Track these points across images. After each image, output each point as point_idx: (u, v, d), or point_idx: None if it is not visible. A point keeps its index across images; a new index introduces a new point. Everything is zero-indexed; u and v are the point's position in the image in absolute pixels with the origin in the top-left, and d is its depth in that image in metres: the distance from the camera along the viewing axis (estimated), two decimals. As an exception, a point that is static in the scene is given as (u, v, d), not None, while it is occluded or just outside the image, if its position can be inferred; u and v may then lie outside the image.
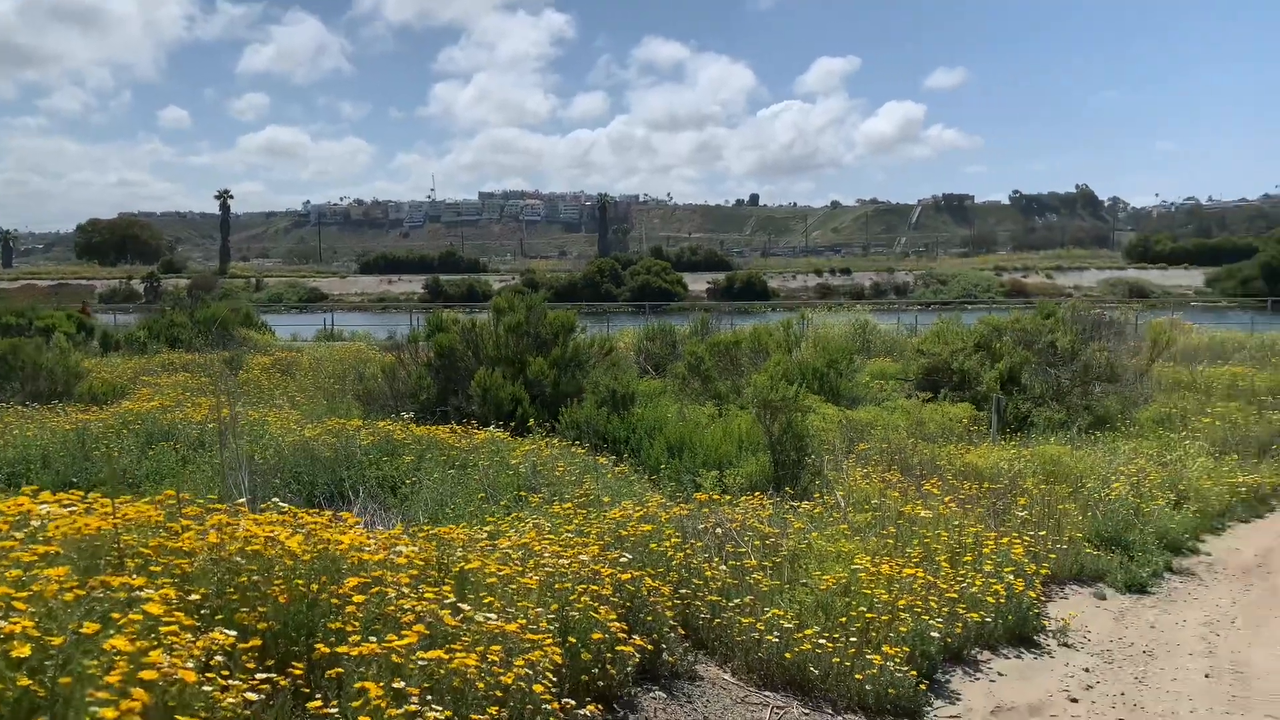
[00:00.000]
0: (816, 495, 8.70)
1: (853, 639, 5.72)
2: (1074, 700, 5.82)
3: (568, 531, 6.06)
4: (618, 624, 4.82)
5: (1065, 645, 6.71)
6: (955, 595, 6.52)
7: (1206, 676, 6.19)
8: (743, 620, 5.71)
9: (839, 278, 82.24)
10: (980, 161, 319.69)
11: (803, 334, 18.53)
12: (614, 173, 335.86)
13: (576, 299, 58.05)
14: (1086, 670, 6.28)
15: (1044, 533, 8.11)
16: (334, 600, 3.91)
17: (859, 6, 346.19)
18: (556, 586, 4.92)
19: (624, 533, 6.27)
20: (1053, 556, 7.87)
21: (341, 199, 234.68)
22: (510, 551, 5.27)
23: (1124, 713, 5.67)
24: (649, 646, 5.01)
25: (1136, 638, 6.88)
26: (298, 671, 3.56)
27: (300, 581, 3.93)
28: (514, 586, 4.67)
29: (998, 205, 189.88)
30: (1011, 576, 6.92)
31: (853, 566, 6.57)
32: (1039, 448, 11.24)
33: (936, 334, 17.51)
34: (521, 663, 3.94)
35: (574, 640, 4.56)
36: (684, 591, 5.89)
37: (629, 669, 4.79)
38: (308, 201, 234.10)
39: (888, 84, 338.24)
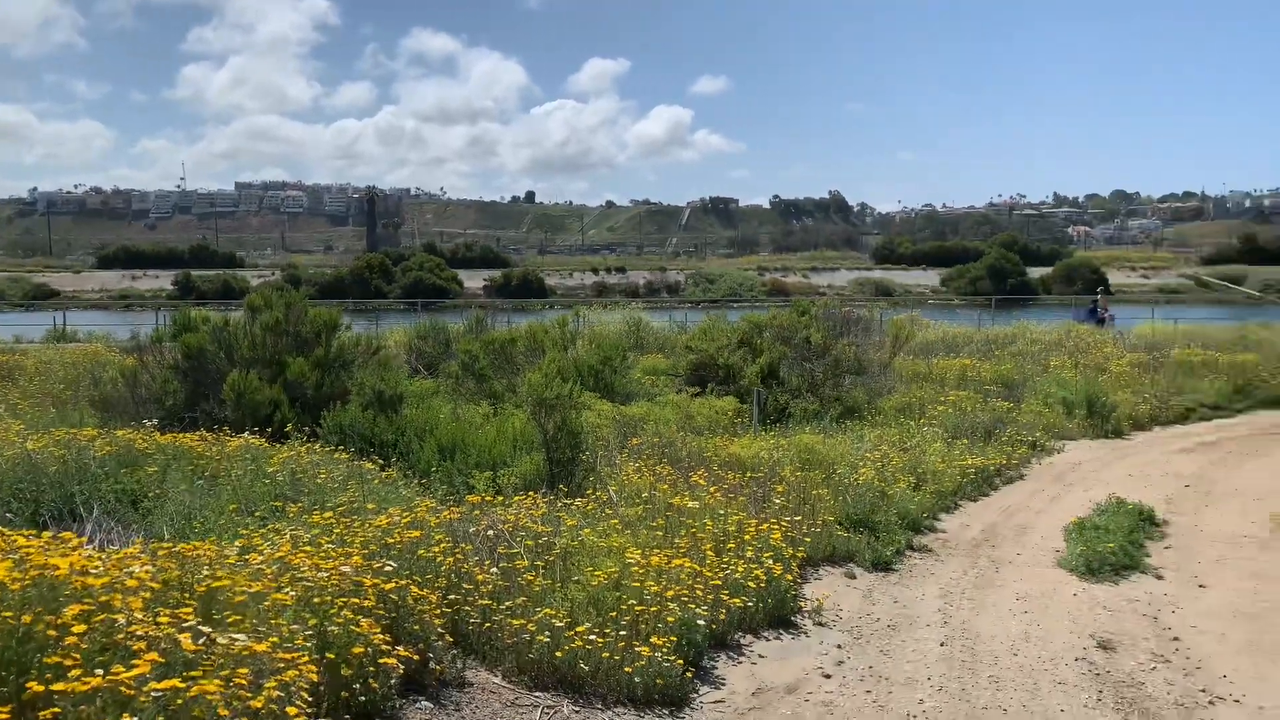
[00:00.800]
0: (590, 492, 8.78)
1: (623, 632, 5.80)
2: (827, 676, 6.19)
3: (328, 542, 5.77)
4: (381, 636, 4.64)
5: (820, 624, 7.12)
6: (720, 583, 6.76)
7: (942, 645, 6.76)
8: (514, 622, 5.65)
9: (615, 276, 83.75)
10: (744, 166, 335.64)
11: (578, 331, 18.67)
12: (383, 165, 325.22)
13: (344, 296, 55.81)
14: (838, 647, 6.70)
15: (800, 518, 8.58)
16: (51, 632, 3.51)
17: (627, 10, 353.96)
18: (315, 601, 4.68)
19: (391, 540, 6.06)
20: (808, 540, 8.34)
21: (76, 187, 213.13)
22: (264, 566, 4.95)
23: (871, 685, 6.09)
24: (415, 657, 4.86)
25: (882, 613, 7.41)
26: (3, 716, 3.16)
27: (8, 613, 3.50)
28: (267, 604, 4.39)
29: (760, 209, 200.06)
30: (771, 561, 7.27)
31: (624, 560, 6.67)
32: (796, 437, 11.89)
33: (704, 331, 18.16)
34: (274, 684, 3.70)
35: (333, 656, 4.34)
36: (453, 597, 5.77)
37: (393, 682, 4.63)
38: (35, 189, 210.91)
39: (657, 88, 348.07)
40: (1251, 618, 7.37)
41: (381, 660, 4.54)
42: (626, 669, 5.52)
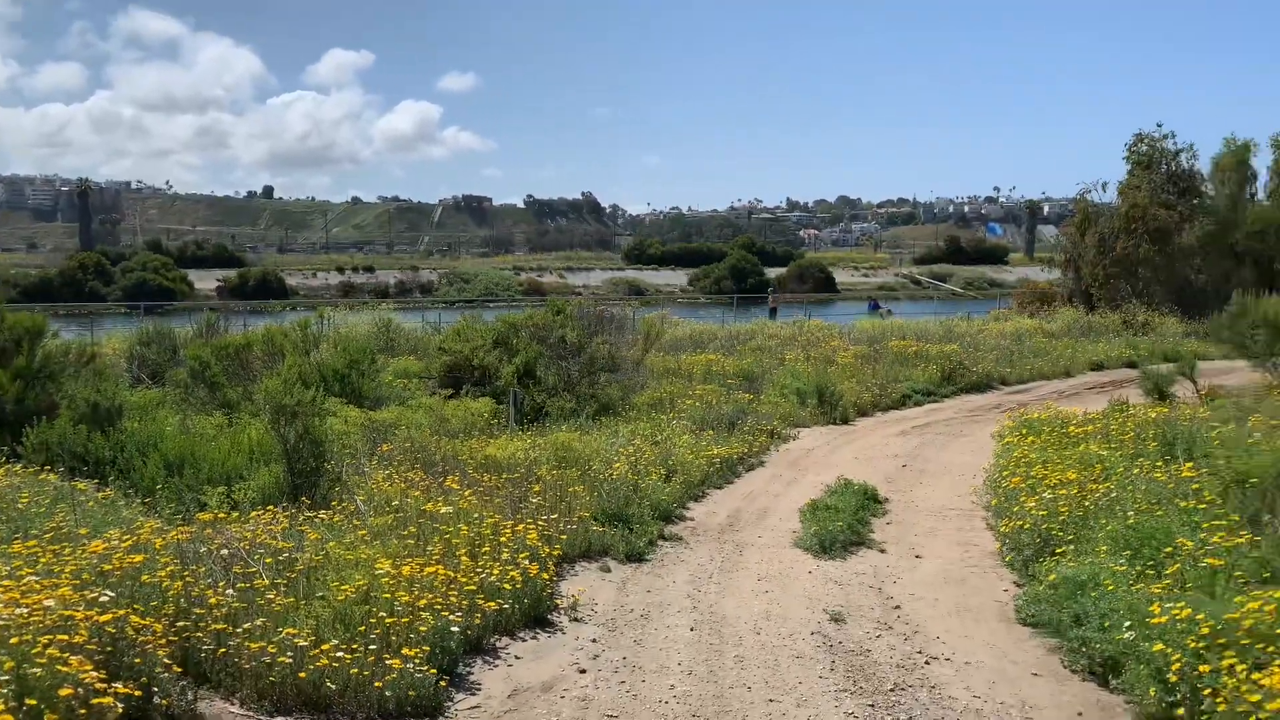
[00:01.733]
0: (336, 503, 8.41)
1: (372, 647, 5.60)
2: (583, 671, 6.27)
3: (31, 575, 5.16)
4: (95, 673, 4.21)
5: (576, 620, 7.20)
6: (475, 587, 6.68)
7: (692, 630, 7.04)
8: (252, 645, 5.31)
9: (363, 276, 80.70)
10: (496, 165, 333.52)
11: (323, 334, 17.81)
12: (97, 155, 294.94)
13: (54, 299, 50.27)
14: (594, 641, 6.81)
15: (556, 516, 8.65)
16: None
17: (368, 1, 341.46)
18: (12, 641, 4.16)
19: (108, 567, 5.51)
20: (564, 537, 8.42)
21: None
22: (-54, 608, 4.35)
23: (625, 675, 6.23)
24: (137, 692, 4.44)
25: (636, 603, 7.61)
26: None
27: None
28: (-52, 651, 3.85)
29: (514, 208, 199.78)
30: (527, 562, 7.27)
31: (374, 572, 6.45)
32: (553, 436, 11.97)
33: (458, 332, 17.87)
34: (-43, 744, 3.25)
35: (34, 702, 3.88)
36: (183, 624, 5.34)
37: (110, 723, 4.20)
38: None
39: (403, 82, 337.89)
40: (959, 582, 8.21)
41: (95, 701, 4.11)
42: (377, 684, 5.33)
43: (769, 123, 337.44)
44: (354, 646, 5.59)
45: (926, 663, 6.45)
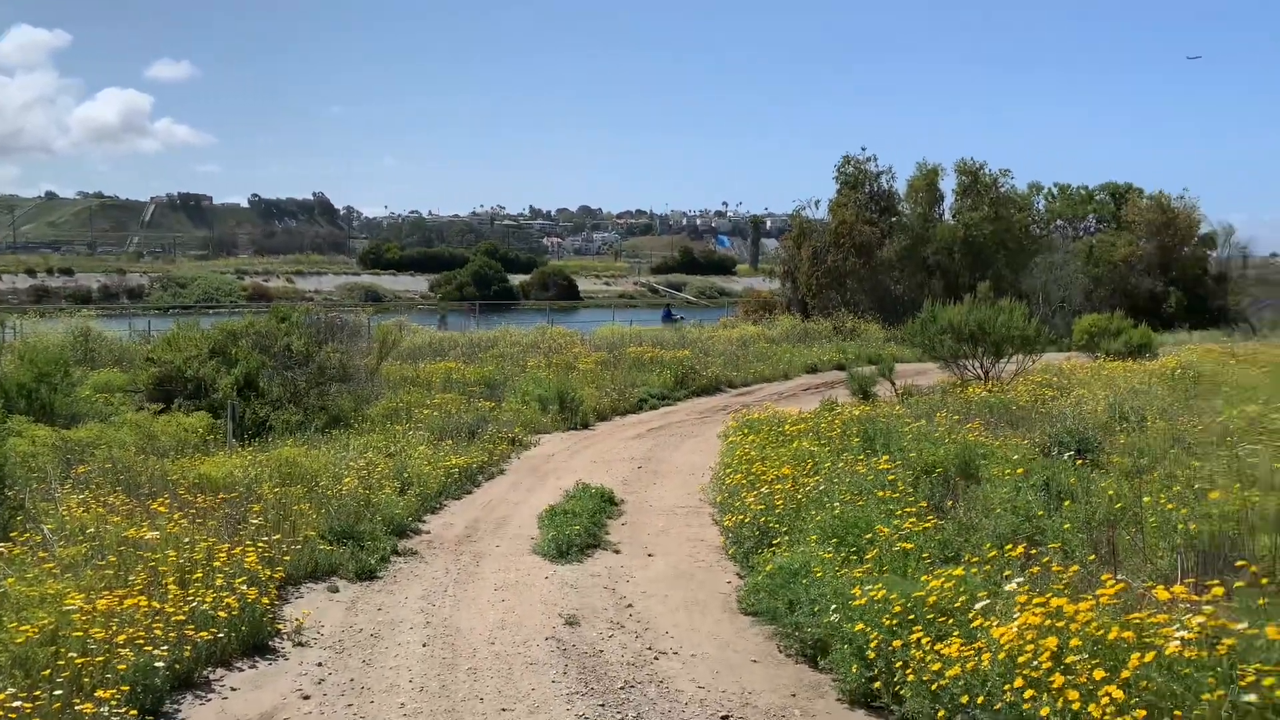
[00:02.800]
0: (17, 534, 7.49)
1: (59, 692, 5.02)
2: (306, 697, 5.96)
3: None
4: None
5: (300, 645, 6.83)
6: (184, 617, 6.18)
7: (424, 646, 6.87)
8: (-98, 705, 4.59)
9: (60, 279, 72.52)
10: (216, 161, 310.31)
11: (7, 344, 15.83)
12: None
13: None
14: (319, 665, 6.48)
15: (279, 536, 8.17)
16: None
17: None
18: None
19: None
20: (288, 559, 7.97)
21: None
22: None
23: (352, 698, 5.98)
24: None
25: (366, 623, 7.33)
26: None
27: None
28: None
29: (237, 208, 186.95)
30: (246, 587, 6.81)
31: (63, 608, 5.80)
32: (276, 451, 11.30)
33: (169, 340, 16.44)
34: None
35: None
36: None
37: None
38: None
39: (106, 67, 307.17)
40: (688, 577, 8.57)
41: None
42: (64, 734, 4.78)
43: (512, 129, 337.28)
44: (37, 694, 4.99)
45: (655, 658, 6.68)
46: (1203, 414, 13.58)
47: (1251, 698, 3.76)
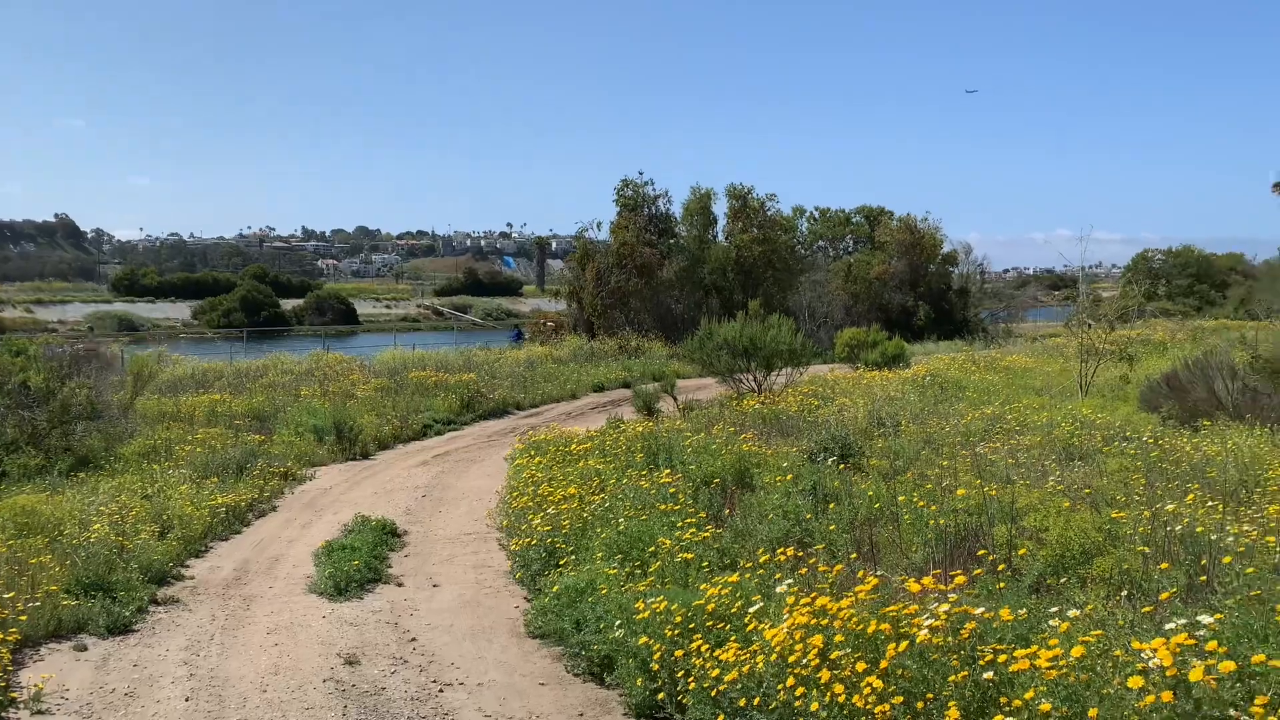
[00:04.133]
0: None
1: None
2: (47, 772, 5.37)
3: None
4: None
5: (40, 713, 6.16)
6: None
7: (187, 700, 6.37)
8: None
9: None
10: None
11: None
12: None
13: None
14: (63, 733, 5.87)
15: (13, 594, 7.35)
16: None
17: None
18: None
19: None
20: (24, 618, 7.18)
21: None
22: None
23: (103, 766, 5.45)
24: None
25: (119, 682, 6.71)
26: None
27: None
28: None
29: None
30: (-30, 654, 6.07)
31: None
32: (10, 500, 10.17)
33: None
34: None
35: None
36: None
37: None
38: None
39: None
40: (475, 605, 8.43)
41: None
42: None
43: (281, 146, 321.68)
44: None
45: (441, 690, 6.51)
46: (948, 417, 14.88)
47: (989, 675, 4.13)
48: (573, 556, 8.35)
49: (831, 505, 8.83)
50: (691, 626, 5.92)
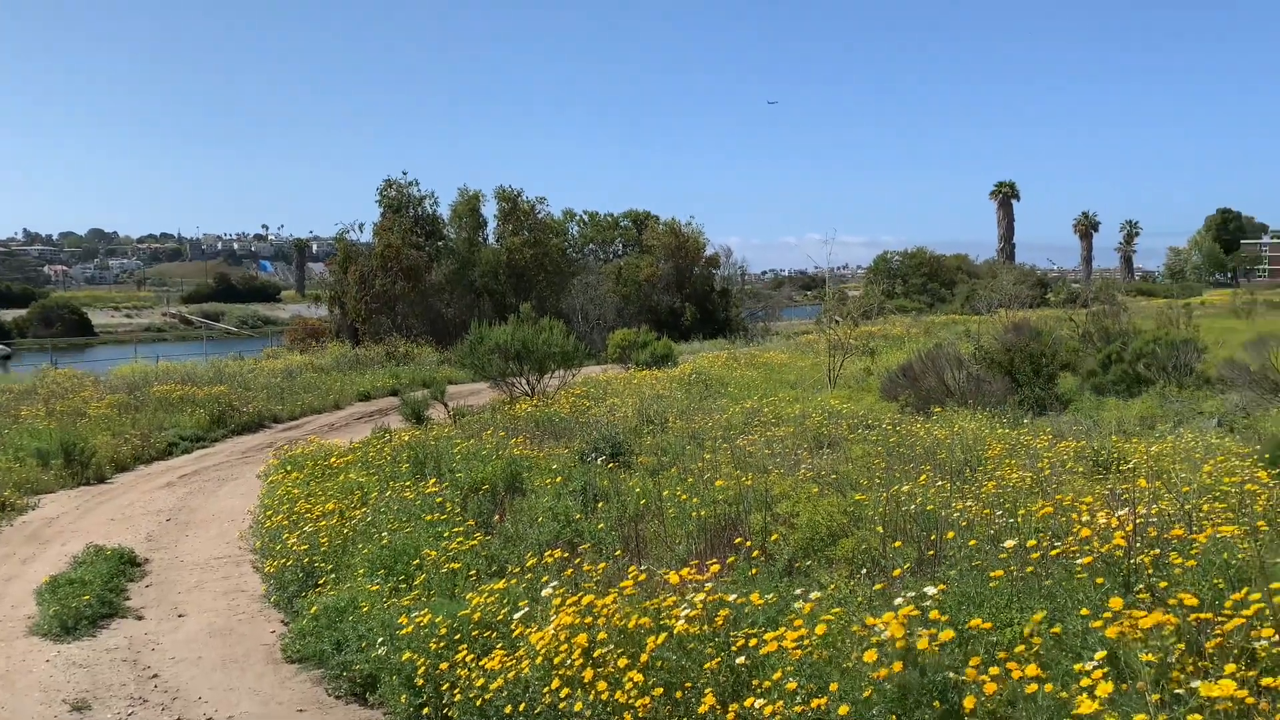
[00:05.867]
0: None
1: None
2: None
3: None
4: None
5: None
6: None
7: None
8: None
9: None
10: None
11: None
12: None
13: None
14: None
15: None
16: None
17: None
18: None
19: None
20: None
21: None
22: None
23: None
24: None
25: None
26: None
27: None
28: None
29: None
30: None
31: None
32: None
33: None
34: None
35: None
36: None
37: None
38: None
39: None
40: (226, 633, 7.86)
41: None
42: None
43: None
44: None
45: (186, 729, 6.02)
46: (712, 412, 15.49)
47: (742, 660, 4.29)
48: (333, 575, 7.97)
49: (601, 504, 8.94)
50: (458, 638, 5.80)
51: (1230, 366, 17.78)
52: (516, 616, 5.63)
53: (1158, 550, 4.56)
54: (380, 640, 6.25)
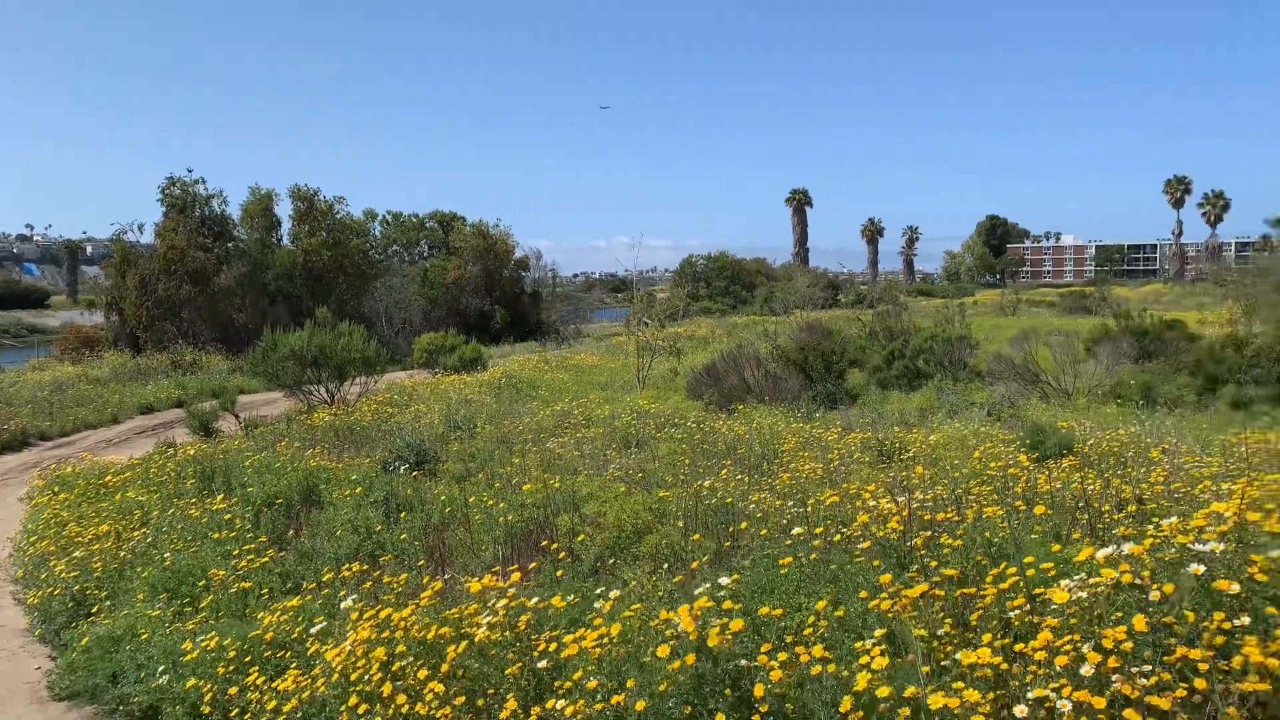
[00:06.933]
0: None
1: None
2: None
3: None
4: None
5: None
6: None
7: None
8: None
9: None
10: None
11: None
12: None
13: None
14: None
15: None
16: None
17: None
18: None
19: None
20: None
21: None
22: None
23: None
24: None
25: None
26: None
27: None
28: None
29: None
30: None
31: None
32: None
33: None
34: None
35: None
36: None
37: None
38: None
39: None
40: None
41: None
42: None
43: None
44: None
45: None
46: (522, 415, 15.42)
47: (544, 663, 4.29)
48: (108, 602, 7.36)
49: (404, 514, 8.71)
50: (248, 660, 5.50)
51: (998, 360, 19.41)
52: (312, 633, 5.40)
53: (929, 532, 4.91)
54: (161, 669, 5.82)
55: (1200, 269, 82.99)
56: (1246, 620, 3.13)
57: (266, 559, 7.35)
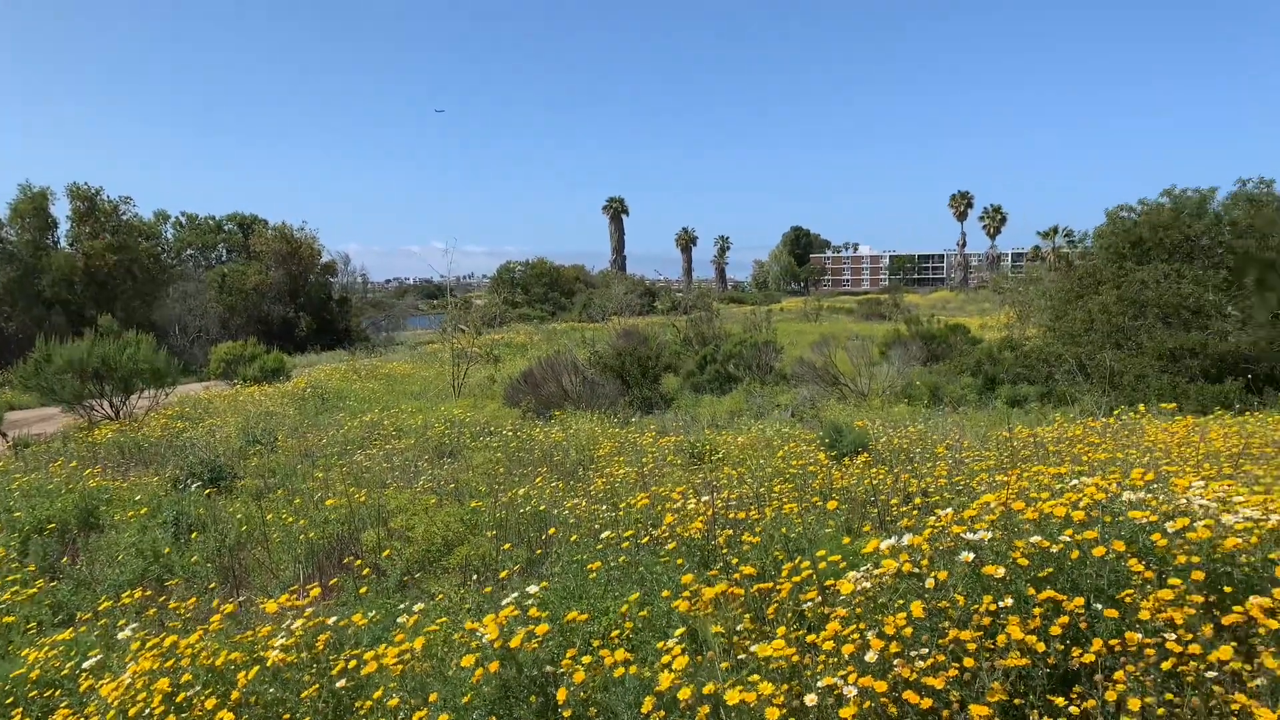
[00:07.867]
0: None
1: None
2: None
3: None
4: None
5: None
6: None
7: None
8: None
9: None
10: None
11: None
12: None
13: None
14: None
15: None
16: None
17: None
18: None
19: None
20: None
21: None
22: None
23: None
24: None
25: None
26: None
27: None
28: None
29: None
30: None
31: None
32: None
33: None
34: None
35: None
36: None
37: None
38: None
39: None
40: None
41: None
42: None
43: None
44: None
45: None
46: (328, 428, 14.81)
47: (343, 683, 4.11)
48: None
49: (196, 535, 8.17)
50: (10, 702, 4.99)
51: (801, 364, 20.34)
52: (86, 667, 4.96)
53: (731, 531, 5.06)
54: (-100, 721, 5.19)
55: (982, 278, 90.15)
56: (1010, 601, 3.39)
57: (34, 590, 6.70)
